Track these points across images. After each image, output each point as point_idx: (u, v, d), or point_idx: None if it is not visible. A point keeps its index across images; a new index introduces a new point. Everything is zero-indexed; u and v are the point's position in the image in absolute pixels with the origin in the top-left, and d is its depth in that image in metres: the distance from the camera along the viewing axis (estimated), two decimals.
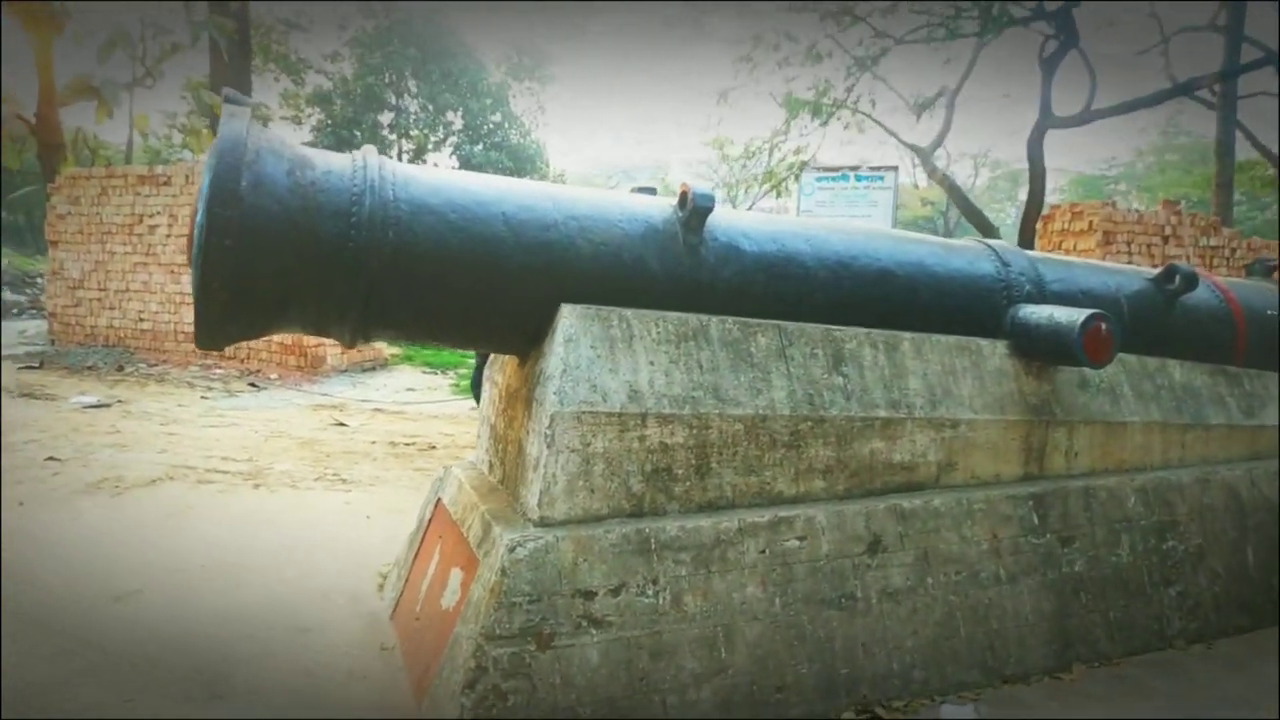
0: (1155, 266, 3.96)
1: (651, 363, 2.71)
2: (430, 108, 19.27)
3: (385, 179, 2.58)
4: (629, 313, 2.74)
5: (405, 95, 19.60)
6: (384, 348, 11.27)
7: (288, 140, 2.64)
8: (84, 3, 16.74)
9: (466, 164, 20.29)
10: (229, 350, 10.47)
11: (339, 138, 18.77)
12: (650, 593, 2.57)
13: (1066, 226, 10.50)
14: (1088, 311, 3.07)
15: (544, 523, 2.54)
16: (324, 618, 3.35)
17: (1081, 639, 3.11)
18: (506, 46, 21.47)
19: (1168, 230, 10.53)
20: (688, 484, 2.72)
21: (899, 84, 19.23)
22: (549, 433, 2.55)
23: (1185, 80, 13.74)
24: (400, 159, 21.79)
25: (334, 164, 2.60)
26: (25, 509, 4.53)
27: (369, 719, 2.65)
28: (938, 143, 18.78)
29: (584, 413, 2.56)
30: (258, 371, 10.11)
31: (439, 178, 2.73)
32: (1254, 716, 2.73)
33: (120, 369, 10.05)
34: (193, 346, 10.54)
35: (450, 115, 19.59)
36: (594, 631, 2.48)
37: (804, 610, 2.73)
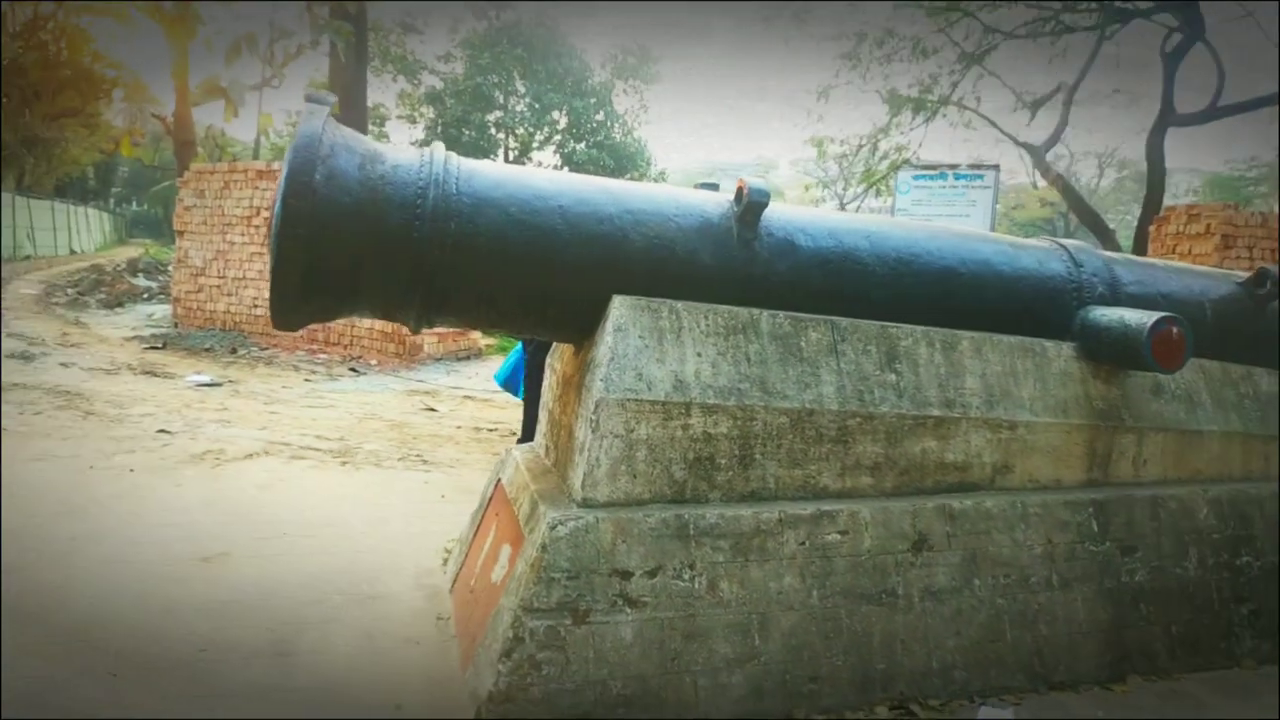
0: None
1: (699, 354, 2.77)
2: (536, 106, 19.70)
3: (449, 173, 2.72)
4: (679, 305, 2.81)
5: (513, 95, 20.09)
6: (479, 338, 11.62)
7: (361, 137, 2.81)
8: (215, 2, 17.82)
9: (569, 161, 20.66)
10: (332, 336, 10.99)
11: (448, 136, 19.39)
12: (687, 576, 2.63)
13: (1182, 229, 9.98)
14: (1158, 315, 2.97)
15: (587, 504, 2.64)
16: (390, 588, 3.54)
17: (1139, 651, 3.02)
18: (613, 47, 21.82)
19: None
20: (730, 474, 2.77)
21: (1012, 81, 18.50)
22: (594, 418, 2.64)
23: None
24: (506, 157, 22.38)
25: (402, 159, 2.75)
26: (134, 475, 4.92)
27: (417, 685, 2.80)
28: (1052, 141, 18.07)
29: (629, 400, 2.64)
30: (359, 357, 10.58)
31: (501, 173, 2.86)
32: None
33: (234, 351, 10.68)
34: (301, 331, 11.13)
35: (555, 114, 19.98)
36: (629, 610, 2.56)
37: (842, 604, 2.75)
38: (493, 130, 20.13)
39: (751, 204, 2.88)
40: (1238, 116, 13.22)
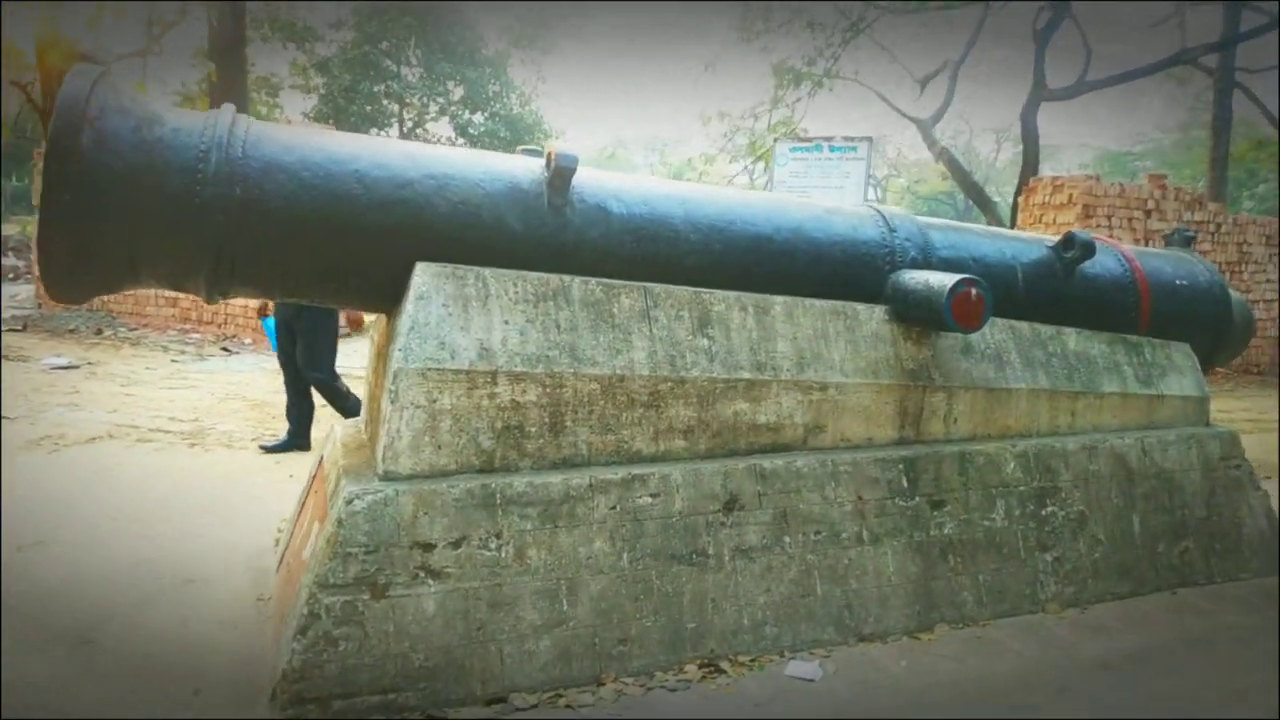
0: (1139, 241, 3.96)
1: (507, 321, 2.74)
2: (427, 76, 19.22)
3: (235, 136, 2.61)
4: (487, 272, 2.77)
5: (405, 64, 19.57)
6: (368, 316, 11.34)
7: (142, 98, 2.67)
8: None
9: (463, 133, 20.30)
10: (206, 315, 10.58)
11: (336, 106, 18.81)
12: (493, 546, 2.62)
13: (1047, 200, 10.40)
14: (959, 276, 3.07)
15: (388, 477, 2.59)
16: (215, 570, 3.43)
17: (948, 601, 3.14)
18: (508, 15, 21.45)
19: (1150, 204, 10.40)
20: (541, 441, 2.76)
21: (906, 57, 18.93)
22: (393, 389, 2.59)
23: (1177, 51, 13.48)
24: (400, 129, 21.79)
25: (185, 122, 2.63)
26: None
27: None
28: (938, 116, 18.60)
29: (430, 369, 2.60)
30: (233, 336, 10.22)
31: (294, 136, 2.76)
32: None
33: (99, 332, 10.19)
34: (174, 311, 10.68)
35: (450, 85, 19.55)
36: (431, 583, 2.53)
37: (653, 565, 2.78)
38: (384, 101, 19.58)
39: (560, 169, 2.85)
40: (1119, 90, 13.80)
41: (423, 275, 2.69)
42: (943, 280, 3.09)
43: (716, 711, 2.54)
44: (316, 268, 2.76)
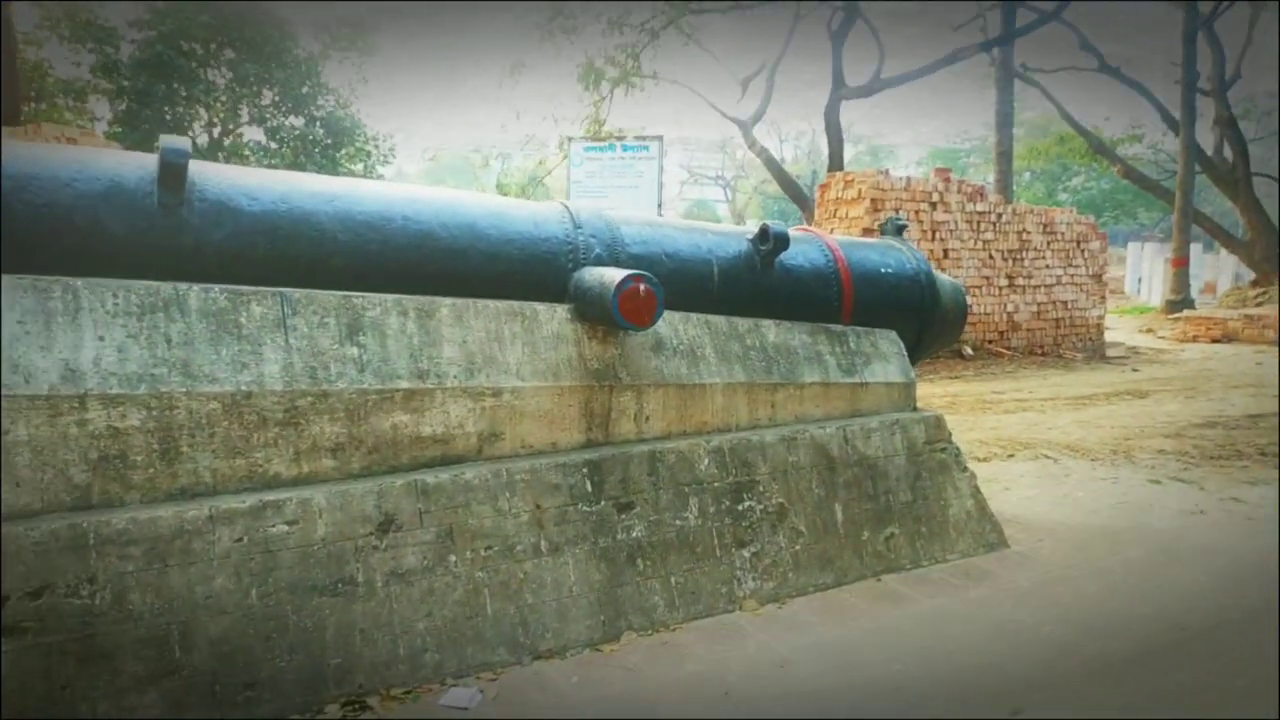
0: (925, 231, 4.01)
1: (102, 338, 2.43)
2: (231, 77, 18.13)
3: None
4: (79, 282, 2.46)
5: (209, 65, 18.37)
6: None
7: None
8: None
9: (273, 137, 19.32)
10: None
11: (130, 111, 17.45)
12: (84, 593, 2.31)
13: (840, 195, 10.73)
14: (626, 272, 2.97)
15: None
16: None
17: (636, 607, 3.04)
18: (326, 14, 20.57)
19: (935, 197, 10.89)
20: (151, 471, 2.46)
21: (727, 59, 19.31)
22: None
23: (951, 51, 14.27)
24: (210, 135, 20.53)
25: None
26: None
27: None
28: (758, 116, 19.06)
29: None
30: None
31: None
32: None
33: None
34: None
35: (259, 88, 18.50)
36: (4, 641, 2.20)
37: (289, 600, 2.53)
38: (186, 105, 18.32)
39: (167, 165, 2.57)
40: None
41: None
42: (612, 277, 2.98)
43: None
44: None
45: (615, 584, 3.01)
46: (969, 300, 4.48)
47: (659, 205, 11.67)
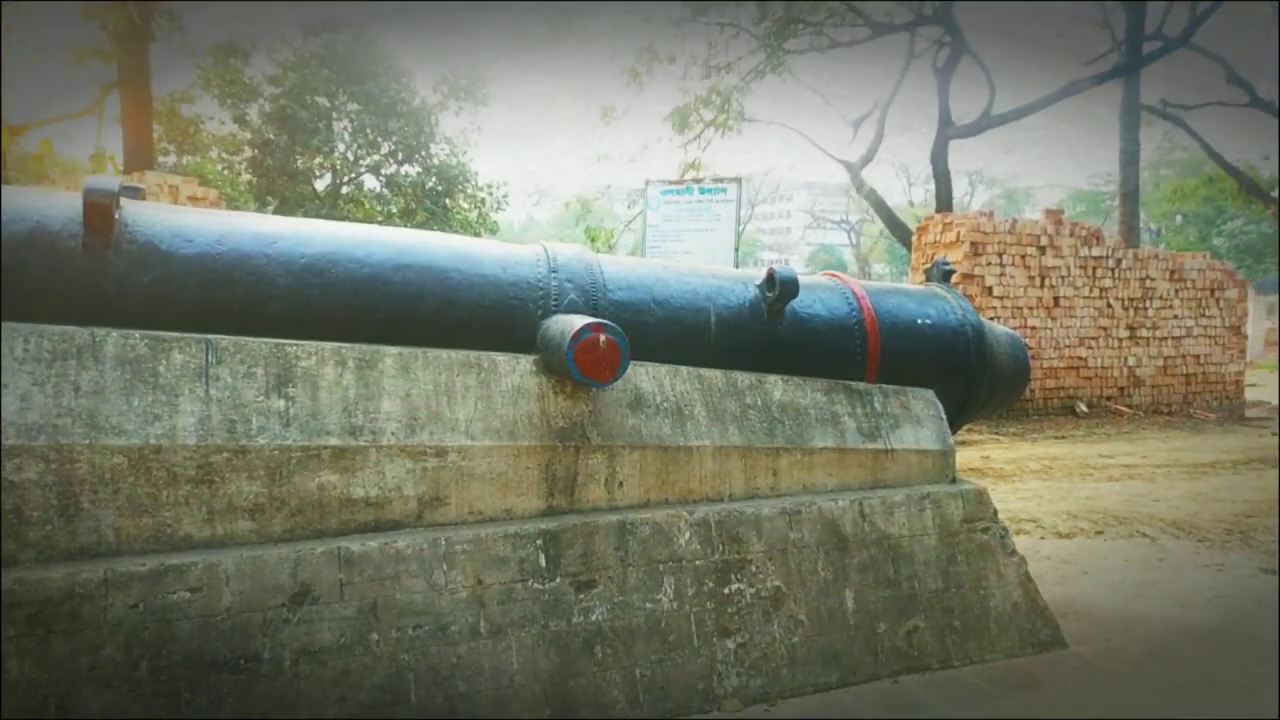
0: (1034, 278, 3.60)
1: (5, 385, 2.30)
2: (350, 129, 19.02)
3: None
4: None
5: (332, 119, 19.32)
6: None
7: None
8: None
9: (390, 184, 20.08)
10: None
11: (254, 161, 18.44)
12: None
13: (938, 238, 10.09)
14: (585, 321, 2.66)
15: None
16: None
17: (590, 702, 2.67)
18: (442, 66, 21.34)
19: (1044, 240, 10.10)
20: (48, 529, 2.30)
21: (834, 99, 18.88)
22: None
23: (1067, 84, 13.34)
24: (334, 180, 21.53)
25: None
26: None
27: None
28: (869, 156, 18.47)
29: None
30: None
31: None
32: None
33: None
34: None
35: (375, 137, 19.31)
36: None
37: (183, 675, 2.30)
38: (304, 156, 19.24)
39: (92, 205, 2.44)
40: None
41: None
42: (572, 326, 2.68)
43: None
44: None
45: (566, 674, 2.66)
46: (1031, 355, 3.94)
47: (735, 249, 11.29)
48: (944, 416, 3.47)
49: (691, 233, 11.13)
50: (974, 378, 3.58)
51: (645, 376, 2.99)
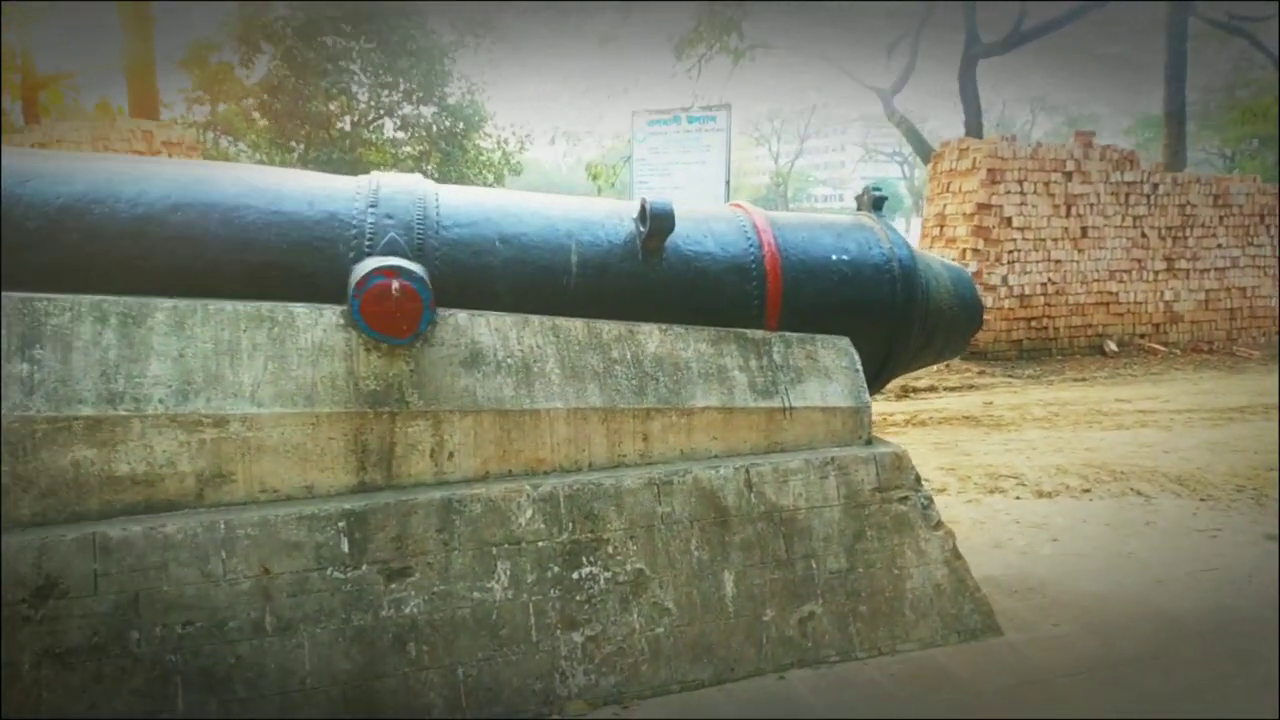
0: (1058, 206, 3.11)
1: None
2: (360, 69, 18.53)
3: None
4: None
5: (347, 60, 18.82)
6: None
7: None
8: None
9: (405, 125, 19.63)
10: None
11: (276, 107, 18.10)
12: None
13: (954, 166, 9.35)
14: (375, 263, 2.24)
15: None
16: None
17: (400, 705, 2.32)
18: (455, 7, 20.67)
19: (1070, 165, 9.30)
20: None
21: (862, 21, 17.86)
22: None
23: None
24: (351, 122, 21.04)
25: None
26: None
27: None
28: (900, 84, 17.48)
29: None
30: None
31: None
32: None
33: None
34: None
35: (386, 76, 18.81)
36: None
37: None
38: (327, 103, 18.82)
39: None
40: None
41: None
42: (362, 270, 2.27)
43: None
44: None
45: (371, 675, 2.31)
46: (979, 292, 3.42)
47: (726, 181, 10.61)
48: (859, 368, 2.99)
49: (680, 165, 10.51)
50: (901, 321, 3.08)
51: (485, 328, 2.57)
